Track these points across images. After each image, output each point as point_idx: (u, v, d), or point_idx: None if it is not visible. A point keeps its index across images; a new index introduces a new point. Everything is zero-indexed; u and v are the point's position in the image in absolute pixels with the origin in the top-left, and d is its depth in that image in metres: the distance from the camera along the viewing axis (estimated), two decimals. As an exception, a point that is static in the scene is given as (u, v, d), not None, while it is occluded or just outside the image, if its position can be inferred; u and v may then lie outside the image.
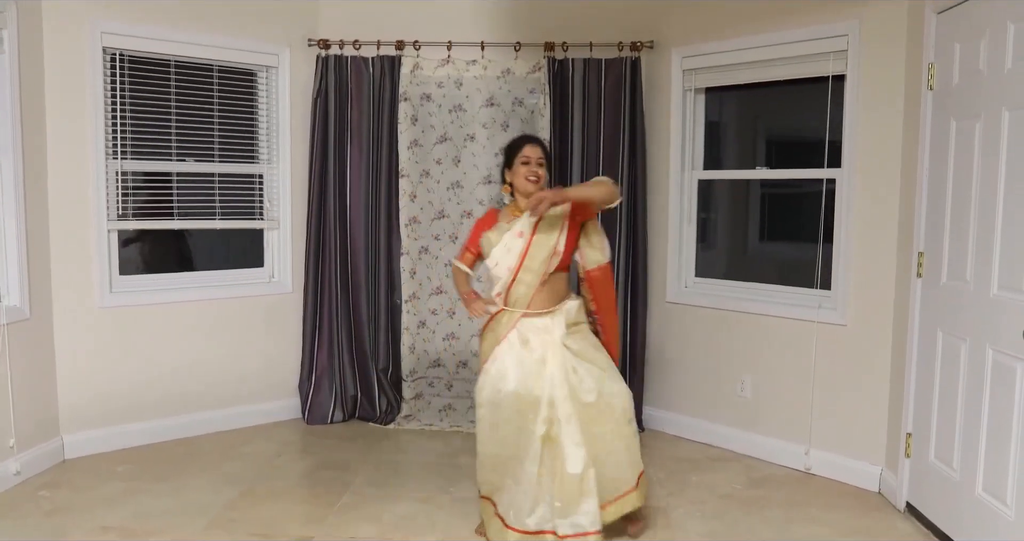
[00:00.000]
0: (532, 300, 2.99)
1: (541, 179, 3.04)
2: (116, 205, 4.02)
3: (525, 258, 2.96)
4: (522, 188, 3.04)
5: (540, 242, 2.96)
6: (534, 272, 2.97)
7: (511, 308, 3.01)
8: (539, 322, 2.98)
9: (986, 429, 2.79)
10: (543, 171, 3.05)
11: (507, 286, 3.01)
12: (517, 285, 3.00)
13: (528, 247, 2.96)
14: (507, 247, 2.99)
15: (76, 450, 3.91)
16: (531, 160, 3.03)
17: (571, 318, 3.03)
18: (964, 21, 2.96)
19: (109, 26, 3.86)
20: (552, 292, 3.01)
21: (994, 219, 2.75)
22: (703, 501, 3.47)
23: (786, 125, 4.43)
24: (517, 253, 2.97)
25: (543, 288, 3.00)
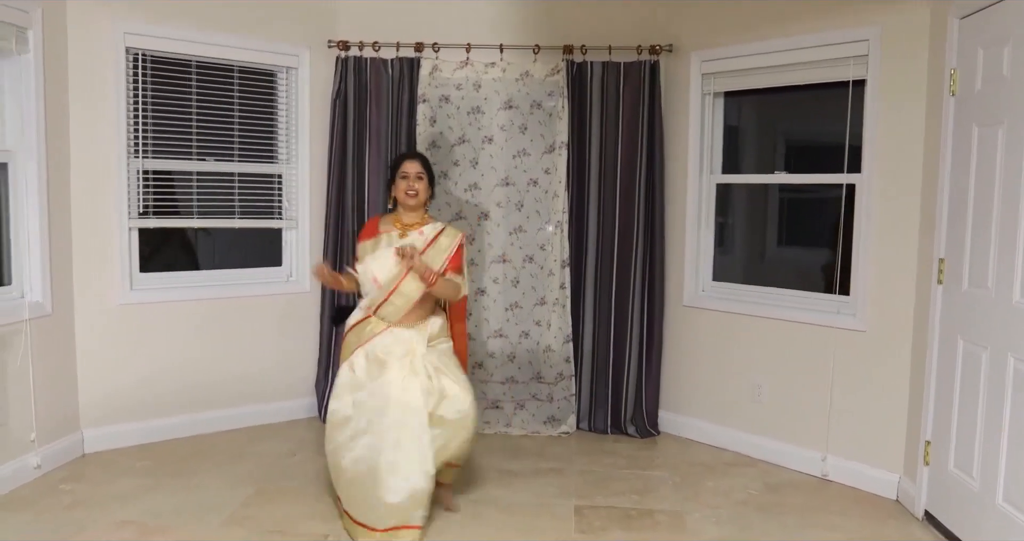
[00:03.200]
0: (400, 321, 3.13)
1: (420, 192, 3.22)
2: (137, 203, 4.06)
3: (401, 284, 3.07)
4: (402, 201, 3.24)
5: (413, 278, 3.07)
6: (407, 297, 3.10)
7: (379, 318, 3.14)
8: (402, 333, 3.12)
9: (1007, 438, 2.77)
10: (421, 184, 3.23)
11: (378, 304, 3.13)
12: (387, 305, 3.12)
13: (405, 276, 3.06)
14: (381, 261, 3.11)
15: (96, 445, 3.95)
16: (409, 175, 3.22)
17: (433, 333, 3.18)
18: (987, 26, 2.94)
19: (132, 27, 3.91)
20: (420, 309, 3.16)
21: (1016, 226, 2.73)
22: (718, 506, 3.46)
23: (805, 129, 4.41)
24: (391, 276, 3.08)
25: (414, 310, 3.14)
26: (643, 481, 3.73)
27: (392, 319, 3.13)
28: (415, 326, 3.15)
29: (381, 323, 3.14)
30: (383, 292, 3.11)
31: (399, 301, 3.10)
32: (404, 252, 3.01)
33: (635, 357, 4.40)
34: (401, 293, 3.09)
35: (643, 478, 3.77)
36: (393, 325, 3.13)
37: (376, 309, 3.15)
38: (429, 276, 2.99)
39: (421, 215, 3.28)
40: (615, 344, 4.41)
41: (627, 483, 3.70)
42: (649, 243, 4.34)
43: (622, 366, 4.40)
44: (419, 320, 3.17)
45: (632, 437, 4.38)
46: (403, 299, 3.10)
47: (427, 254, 3.13)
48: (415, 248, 3.05)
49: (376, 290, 3.13)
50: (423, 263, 3.02)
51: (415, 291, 3.08)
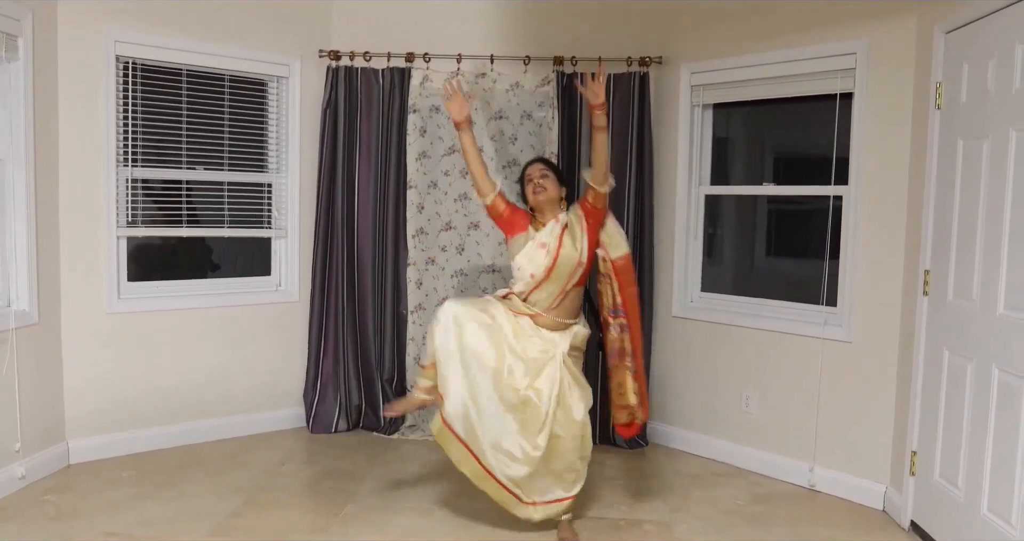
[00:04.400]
0: (549, 309, 3.18)
1: (548, 188, 3.24)
2: (126, 212, 4.05)
3: (552, 271, 3.14)
4: (533, 202, 3.29)
5: (565, 256, 3.15)
6: (557, 283, 3.16)
7: (528, 304, 3.21)
8: (547, 334, 3.17)
9: (991, 449, 2.79)
10: (547, 181, 3.26)
11: (528, 290, 3.20)
12: (538, 292, 3.19)
13: (554, 262, 3.14)
14: (529, 257, 3.18)
15: (81, 455, 3.92)
16: (533, 177, 3.28)
17: (576, 342, 3.21)
18: (973, 41, 2.98)
19: (122, 35, 3.90)
20: (568, 308, 3.22)
21: (1001, 239, 2.76)
22: (707, 517, 3.46)
23: (793, 142, 4.45)
24: (542, 266, 3.15)
25: (563, 300, 3.19)
26: (632, 492, 3.73)
27: (542, 306, 3.17)
28: (561, 328, 3.19)
29: (530, 308, 3.18)
30: (536, 282, 3.17)
31: (551, 287, 3.16)
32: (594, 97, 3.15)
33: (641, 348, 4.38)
34: (552, 280, 3.15)
35: (632, 489, 3.77)
36: (538, 321, 3.17)
37: (528, 295, 3.20)
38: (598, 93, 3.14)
39: (558, 210, 3.28)
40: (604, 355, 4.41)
41: (616, 494, 3.70)
42: (638, 254, 4.35)
43: (611, 376, 4.40)
44: (564, 319, 3.20)
45: (621, 448, 4.38)
46: (555, 285, 3.16)
47: (565, 233, 3.17)
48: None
49: (531, 283, 3.18)
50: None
51: (565, 274, 3.14)
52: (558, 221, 3.22)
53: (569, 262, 3.15)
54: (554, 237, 3.17)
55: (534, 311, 3.19)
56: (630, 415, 3.33)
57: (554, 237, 3.17)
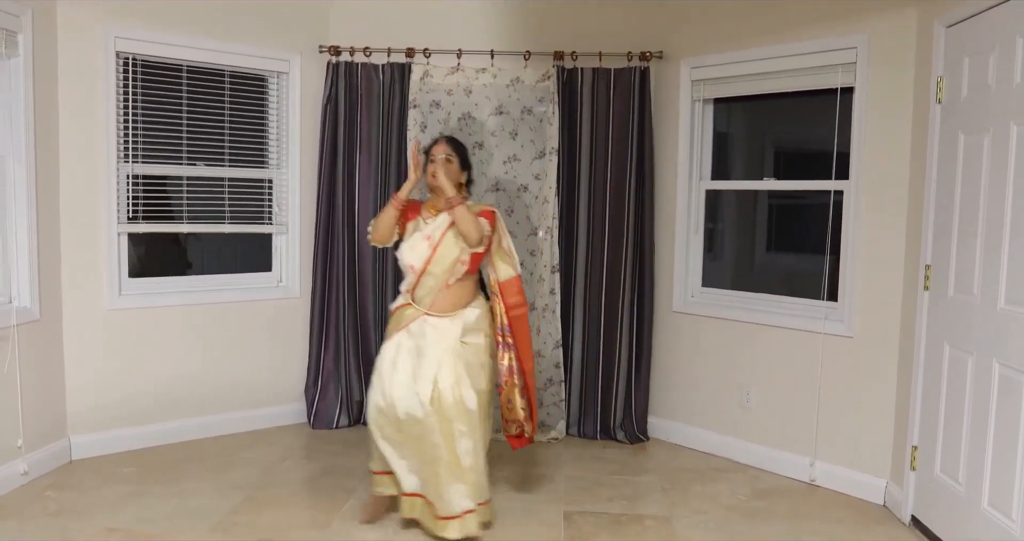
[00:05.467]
0: (435, 302, 3.15)
1: (438, 176, 3.15)
2: (126, 208, 4.05)
3: (429, 264, 3.13)
4: (430, 183, 3.21)
5: (445, 251, 3.12)
6: (436, 277, 3.14)
7: (416, 305, 3.17)
8: (437, 322, 3.13)
9: (992, 443, 2.79)
10: (450, 166, 3.21)
11: (412, 285, 3.18)
12: (420, 288, 3.16)
13: (433, 254, 3.12)
14: (411, 246, 3.17)
15: (83, 451, 3.93)
16: (436, 158, 3.23)
17: (469, 324, 3.17)
18: (973, 35, 2.97)
19: (122, 31, 3.90)
20: (456, 296, 3.18)
21: (1002, 233, 2.75)
22: (706, 512, 3.47)
23: (794, 136, 4.44)
24: (421, 257, 3.14)
25: (447, 291, 3.16)
26: (632, 487, 3.73)
27: (426, 304, 3.15)
28: (449, 315, 3.15)
29: (418, 310, 3.16)
30: (416, 275, 3.15)
31: (430, 281, 3.14)
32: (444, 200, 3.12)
33: (624, 363, 4.40)
34: (431, 274, 3.13)
35: (632, 484, 3.77)
36: (428, 312, 3.14)
37: (412, 292, 3.18)
38: (453, 201, 3.08)
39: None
40: (605, 350, 4.42)
41: (616, 489, 3.70)
42: (639, 249, 4.36)
43: (612, 372, 4.41)
44: (454, 308, 3.16)
45: (621, 443, 4.38)
46: (433, 279, 3.13)
47: (451, 233, 3.13)
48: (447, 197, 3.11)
49: (413, 275, 3.17)
50: (455, 198, 3.09)
51: (443, 270, 3.12)
52: (449, 214, 3.15)
53: (448, 256, 3.12)
54: (440, 230, 3.15)
55: (422, 311, 3.15)
56: (519, 428, 3.33)
57: (440, 230, 3.15)
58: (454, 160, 3.25)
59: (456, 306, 3.17)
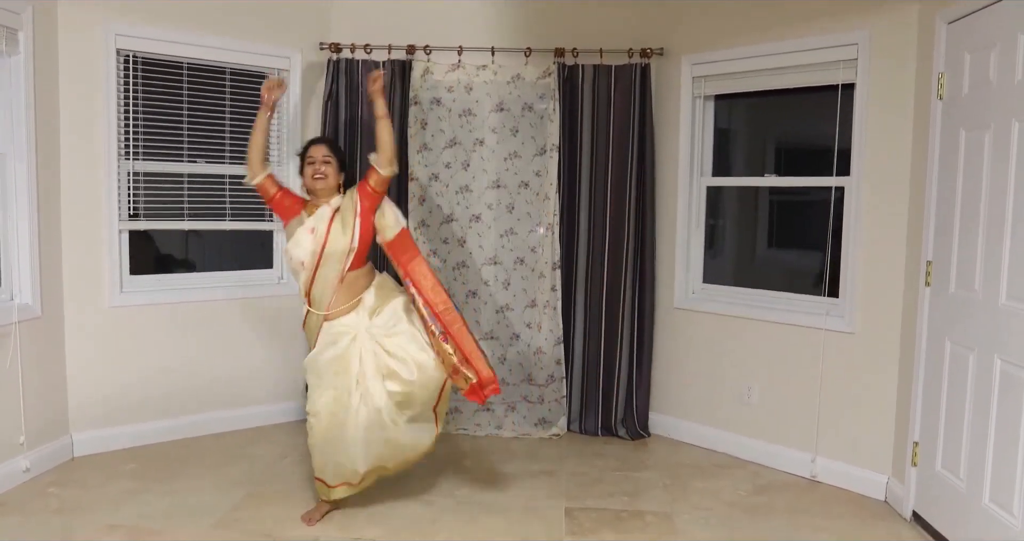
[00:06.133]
0: (333, 299, 3.16)
1: (329, 175, 3.20)
2: (127, 205, 4.05)
3: (320, 257, 3.13)
4: (310, 186, 3.24)
5: (334, 241, 3.13)
6: (331, 269, 3.14)
7: (315, 309, 3.19)
8: (343, 321, 3.15)
9: (993, 439, 2.79)
10: (328, 167, 3.22)
11: (307, 286, 3.18)
12: (315, 285, 3.17)
13: (324, 247, 3.13)
14: (297, 241, 3.16)
15: (85, 448, 3.93)
16: (316, 159, 3.23)
17: (371, 304, 3.19)
18: (974, 31, 2.97)
19: (123, 28, 3.90)
20: (351, 289, 3.18)
21: (1003, 229, 2.75)
22: (708, 507, 3.47)
23: (795, 133, 4.44)
24: (309, 251, 3.14)
25: (341, 286, 3.16)
26: (633, 483, 3.74)
27: (323, 305, 3.17)
28: (349, 311, 3.17)
29: (317, 317, 3.19)
30: (309, 272, 3.16)
31: (325, 275, 3.14)
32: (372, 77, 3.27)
33: (626, 359, 4.41)
34: (324, 266, 3.14)
35: (633, 480, 3.78)
36: (329, 317, 3.16)
37: (308, 293, 3.19)
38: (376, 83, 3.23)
39: (330, 197, 3.25)
40: (606, 346, 4.42)
41: (617, 485, 3.71)
42: (640, 245, 4.36)
43: (613, 368, 4.41)
44: (349, 301, 3.18)
45: (623, 439, 4.39)
46: (329, 271, 3.14)
47: (336, 219, 3.16)
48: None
49: (304, 273, 3.17)
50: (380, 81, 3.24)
51: (337, 259, 3.13)
52: (330, 205, 3.19)
53: (339, 247, 3.13)
54: (324, 221, 3.15)
55: (322, 312, 3.16)
56: (466, 380, 3.19)
57: (324, 221, 3.15)
58: (333, 161, 3.25)
59: (353, 297, 3.19)
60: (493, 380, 3.21)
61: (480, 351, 3.24)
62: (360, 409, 3.12)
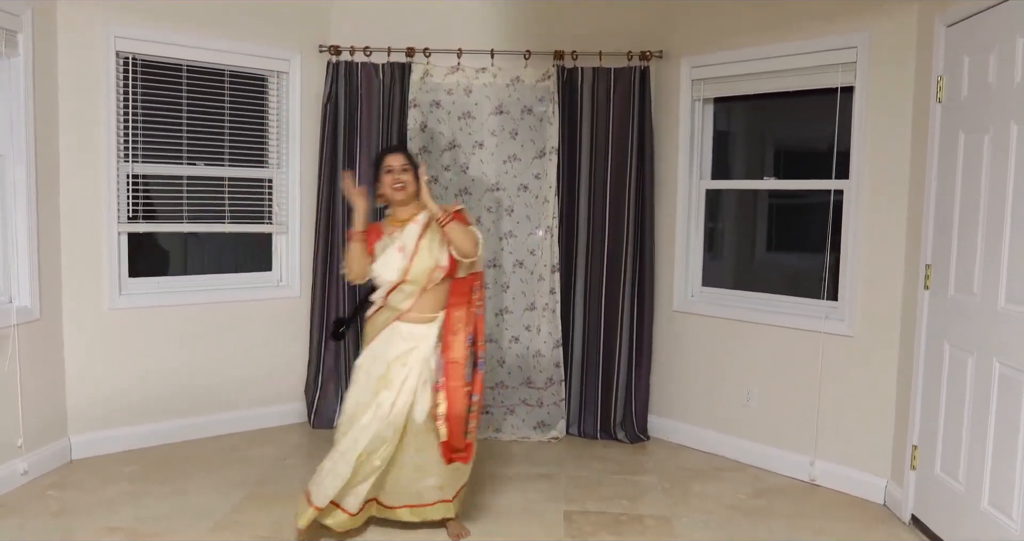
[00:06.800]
0: (412, 306, 3.08)
1: (408, 184, 3.10)
2: (127, 208, 4.05)
3: (408, 274, 3.06)
4: (389, 196, 3.14)
5: (422, 258, 3.06)
6: (415, 283, 3.07)
7: (389, 307, 3.11)
8: (414, 329, 3.08)
9: (992, 442, 2.79)
10: (408, 176, 3.11)
11: (387, 292, 3.11)
12: (396, 293, 3.10)
13: (410, 264, 3.05)
14: (385, 262, 3.08)
15: (83, 451, 3.93)
16: (394, 168, 3.12)
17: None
18: (974, 34, 2.97)
19: (122, 30, 3.90)
20: (432, 300, 3.12)
21: (1002, 232, 2.75)
22: (707, 511, 3.47)
23: (794, 136, 4.44)
24: (397, 268, 3.06)
25: (423, 295, 3.09)
26: (632, 486, 3.73)
27: (401, 306, 3.08)
28: (425, 321, 3.09)
29: (392, 313, 3.10)
30: (390, 285, 3.08)
31: (408, 288, 3.08)
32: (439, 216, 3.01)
33: (625, 362, 4.41)
34: (410, 282, 3.07)
35: (632, 483, 3.77)
36: (402, 318, 3.08)
37: (387, 296, 3.11)
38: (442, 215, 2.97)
39: (416, 207, 3.14)
40: (605, 349, 4.42)
41: (616, 488, 3.70)
42: (639, 248, 4.36)
43: (612, 371, 4.41)
44: (429, 312, 3.10)
45: (622, 442, 4.38)
46: (412, 285, 3.07)
47: (425, 237, 3.08)
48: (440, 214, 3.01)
49: (387, 285, 3.10)
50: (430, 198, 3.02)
51: (422, 276, 3.06)
52: (417, 222, 3.10)
53: (426, 265, 3.05)
54: (412, 239, 3.07)
55: (398, 310, 3.09)
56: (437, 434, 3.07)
57: (412, 239, 3.07)
58: (411, 169, 3.14)
59: (434, 310, 3.13)
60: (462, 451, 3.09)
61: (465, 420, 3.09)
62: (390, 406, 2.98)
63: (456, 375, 3.09)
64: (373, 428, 2.95)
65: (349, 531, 3.10)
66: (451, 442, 3.05)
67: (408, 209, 3.16)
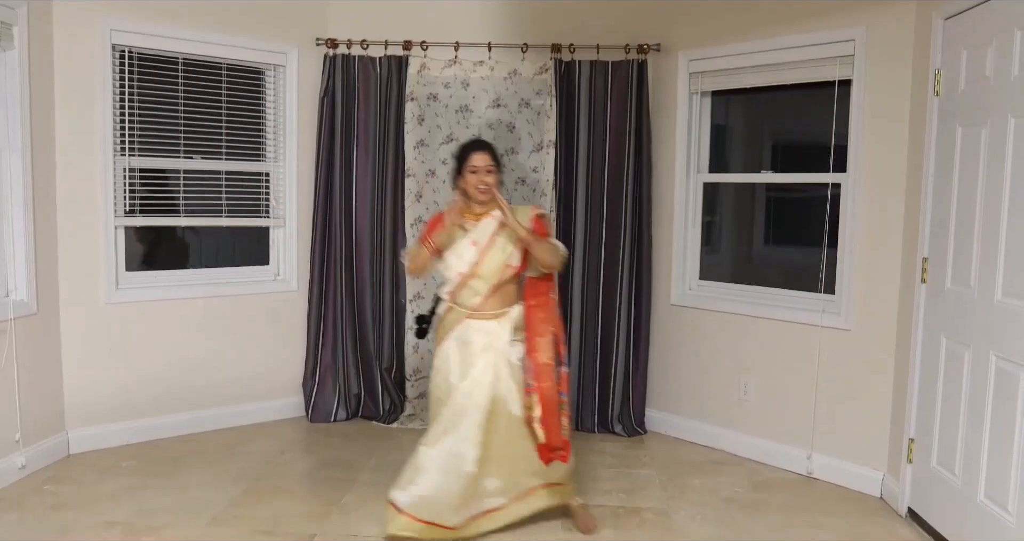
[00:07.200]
0: (481, 303, 3.07)
1: (491, 186, 3.06)
2: (123, 201, 4.04)
3: (478, 268, 3.04)
4: (473, 196, 3.10)
5: (494, 255, 3.04)
6: (484, 280, 3.06)
7: (459, 306, 3.10)
8: (485, 325, 3.06)
9: (988, 435, 2.80)
10: (492, 177, 3.08)
11: (455, 288, 3.10)
12: (465, 289, 3.08)
13: (481, 258, 3.04)
14: (459, 254, 3.06)
15: (81, 445, 3.93)
16: (479, 169, 3.07)
17: (518, 323, 3.11)
18: (971, 27, 2.96)
19: (119, 23, 3.88)
20: (501, 296, 3.10)
21: (999, 226, 2.75)
22: (705, 504, 3.47)
23: (792, 129, 4.44)
24: (469, 262, 3.04)
25: (494, 294, 3.08)
26: (630, 480, 3.74)
27: (470, 304, 3.07)
28: (495, 317, 3.08)
29: (461, 312, 3.09)
30: (461, 278, 3.07)
31: (477, 284, 3.06)
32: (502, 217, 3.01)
33: (622, 356, 4.41)
34: (479, 277, 3.05)
35: (630, 477, 3.78)
36: (472, 315, 3.07)
37: (454, 294, 3.10)
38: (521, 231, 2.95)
39: (494, 203, 3.10)
40: (602, 343, 4.42)
41: (614, 482, 3.71)
42: (636, 242, 4.36)
43: (609, 365, 4.41)
44: (498, 308, 3.08)
45: (619, 436, 4.39)
46: (481, 282, 3.06)
47: (499, 234, 3.05)
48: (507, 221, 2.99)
49: (456, 277, 3.08)
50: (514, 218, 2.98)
51: (492, 272, 3.04)
52: (493, 217, 3.08)
53: (497, 262, 3.04)
54: (486, 235, 3.05)
55: (467, 309, 3.08)
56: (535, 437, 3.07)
57: (486, 235, 3.05)
58: (494, 170, 3.08)
59: (503, 305, 3.09)
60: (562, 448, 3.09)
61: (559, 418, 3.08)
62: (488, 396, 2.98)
63: (546, 376, 3.05)
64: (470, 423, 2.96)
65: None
66: (550, 442, 3.04)
67: (486, 205, 3.12)
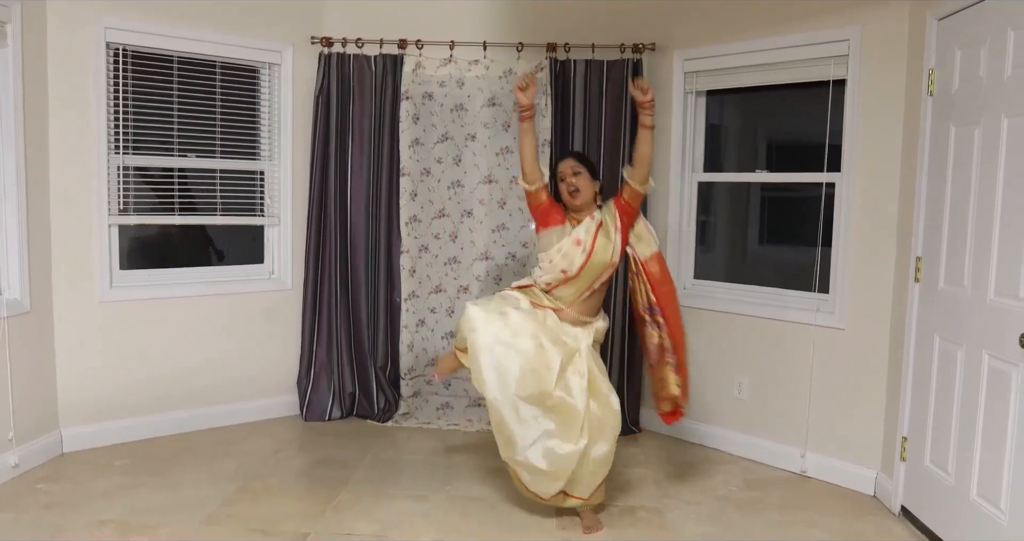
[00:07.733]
0: (571, 306, 3.18)
1: (582, 188, 3.18)
2: (118, 200, 4.03)
3: (584, 269, 3.13)
4: (569, 203, 3.23)
5: (598, 255, 3.14)
6: (587, 280, 3.16)
7: (553, 296, 3.20)
8: (571, 330, 3.17)
9: (981, 434, 2.81)
10: (579, 179, 3.19)
11: (556, 284, 3.18)
12: (566, 287, 3.18)
13: (588, 259, 3.13)
14: (564, 252, 3.15)
15: (74, 444, 3.92)
16: (565, 175, 3.22)
17: (597, 336, 3.25)
18: (965, 27, 2.97)
19: (113, 21, 3.87)
20: (592, 305, 3.23)
21: (992, 225, 2.76)
22: (699, 503, 3.48)
23: (787, 129, 4.45)
24: (576, 263, 3.13)
25: (589, 297, 3.20)
26: (624, 478, 3.74)
27: (566, 301, 3.17)
28: (583, 324, 3.19)
29: (554, 301, 3.18)
30: (565, 276, 3.15)
31: (580, 283, 3.16)
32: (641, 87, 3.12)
33: (617, 355, 4.42)
34: (583, 278, 3.15)
35: (624, 475, 3.78)
36: (561, 315, 3.16)
37: (553, 289, 3.19)
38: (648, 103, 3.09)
39: (592, 206, 3.25)
40: (597, 341, 4.42)
41: (608, 480, 3.70)
42: (631, 241, 4.36)
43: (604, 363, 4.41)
44: (585, 316, 3.20)
45: (614, 434, 4.39)
46: (583, 282, 3.15)
47: (600, 232, 3.15)
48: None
49: (560, 275, 3.16)
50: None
51: (594, 273, 3.15)
52: (593, 218, 3.19)
53: (601, 261, 3.14)
54: (590, 235, 3.15)
55: (558, 305, 3.18)
56: (673, 404, 3.36)
57: (590, 235, 3.15)
58: (583, 172, 3.20)
59: (591, 314, 3.23)
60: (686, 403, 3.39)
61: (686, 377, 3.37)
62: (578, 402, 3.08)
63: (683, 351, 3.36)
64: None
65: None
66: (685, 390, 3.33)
67: (586, 208, 3.23)
